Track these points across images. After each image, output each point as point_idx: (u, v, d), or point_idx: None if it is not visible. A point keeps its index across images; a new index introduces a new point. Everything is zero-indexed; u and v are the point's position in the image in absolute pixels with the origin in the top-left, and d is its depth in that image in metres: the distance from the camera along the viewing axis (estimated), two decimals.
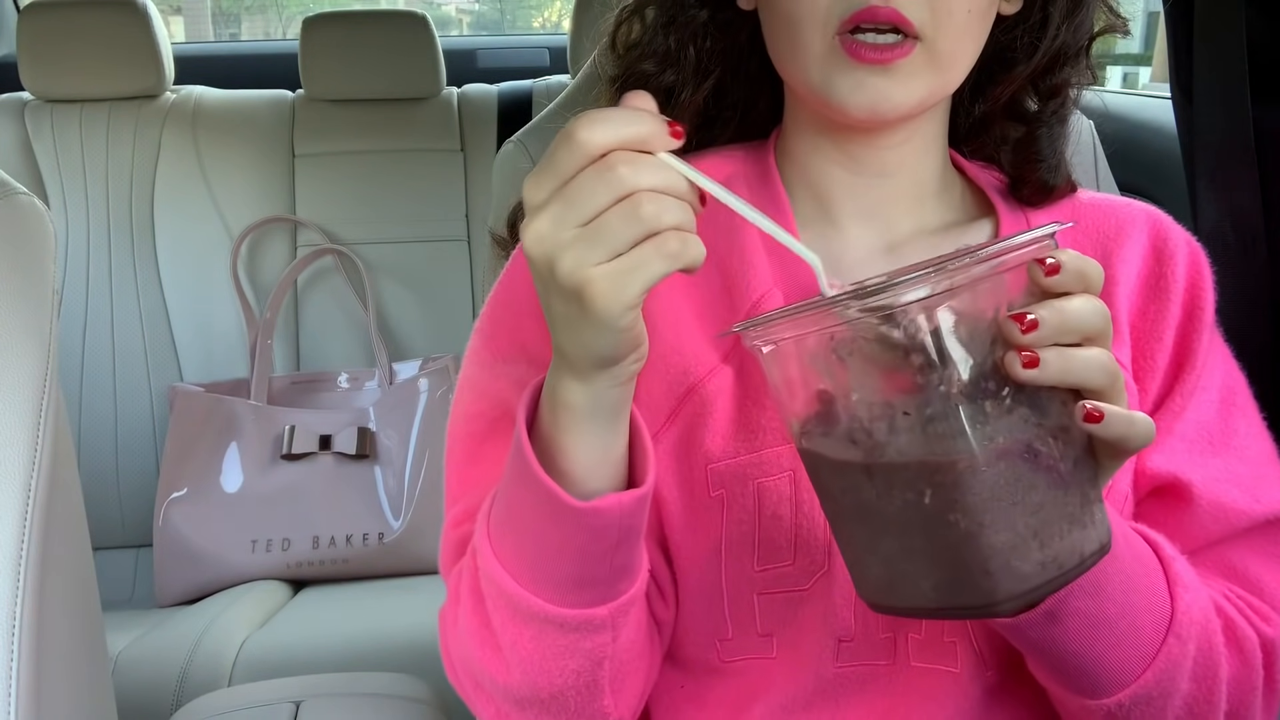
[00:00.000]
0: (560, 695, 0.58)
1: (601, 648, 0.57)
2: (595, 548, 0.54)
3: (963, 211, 0.71)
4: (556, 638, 0.56)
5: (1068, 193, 0.72)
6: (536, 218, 0.46)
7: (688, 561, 0.63)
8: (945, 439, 0.44)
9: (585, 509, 0.52)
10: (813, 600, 0.62)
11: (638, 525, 0.55)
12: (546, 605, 0.55)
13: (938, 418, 0.44)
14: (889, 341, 0.44)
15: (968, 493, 0.44)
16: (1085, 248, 0.69)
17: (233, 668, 1.39)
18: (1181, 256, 0.69)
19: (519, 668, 0.57)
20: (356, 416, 1.77)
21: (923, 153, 0.67)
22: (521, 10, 4.24)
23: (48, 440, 0.67)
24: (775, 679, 0.64)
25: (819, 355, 0.47)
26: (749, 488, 0.61)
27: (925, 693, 0.63)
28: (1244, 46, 0.96)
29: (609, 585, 0.56)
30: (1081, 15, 0.67)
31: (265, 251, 1.90)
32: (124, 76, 1.91)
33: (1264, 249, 0.98)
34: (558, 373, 0.52)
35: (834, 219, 0.68)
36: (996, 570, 0.45)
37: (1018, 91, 0.70)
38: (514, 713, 0.60)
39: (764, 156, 0.70)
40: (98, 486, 1.82)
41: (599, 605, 0.56)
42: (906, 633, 0.63)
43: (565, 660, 0.56)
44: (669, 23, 0.69)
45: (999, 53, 0.68)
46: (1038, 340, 0.45)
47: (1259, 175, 0.98)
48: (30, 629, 0.64)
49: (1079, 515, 0.47)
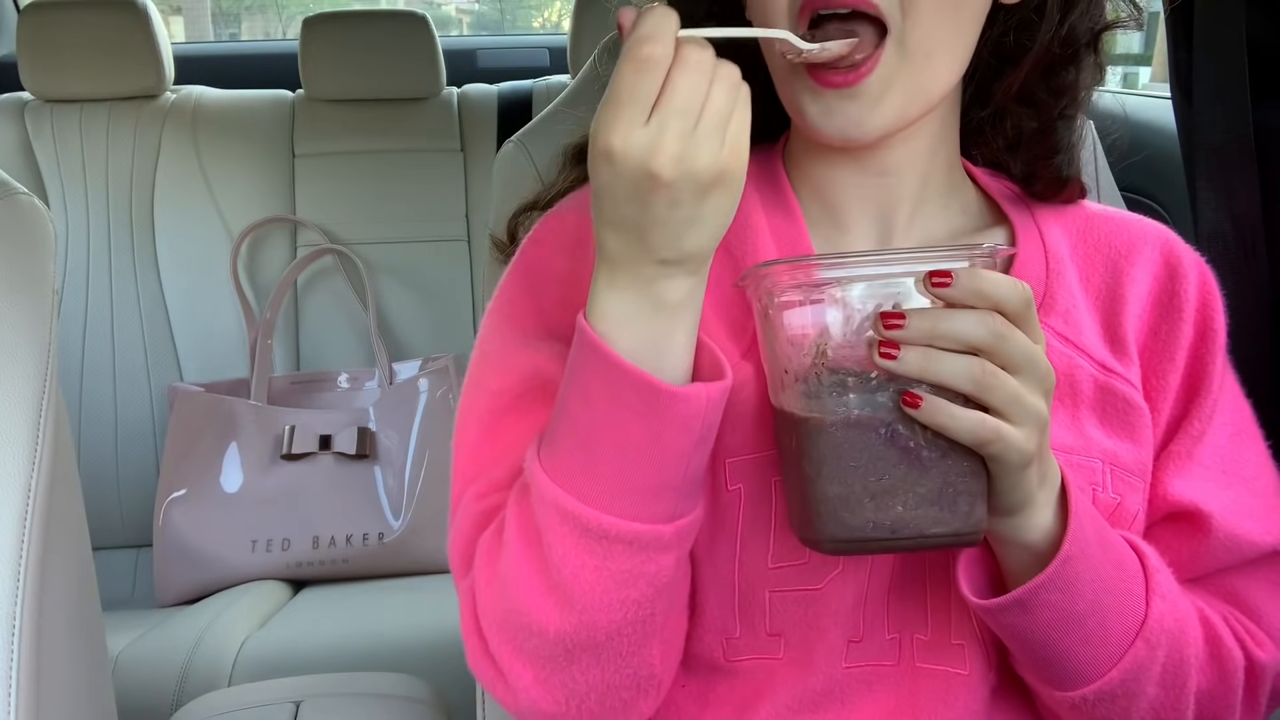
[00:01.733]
0: (616, 636, 0.57)
1: (662, 572, 0.56)
2: (680, 444, 0.54)
3: (974, 218, 0.71)
4: (623, 560, 0.55)
5: (1077, 196, 0.72)
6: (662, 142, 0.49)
7: (703, 555, 0.63)
8: (806, 397, 0.54)
9: (679, 393, 0.53)
10: (824, 600, 0.62)
11: (716, 423, 0.56)
12: (618, 521, 0.55)
13: (804, 379, 0.54)
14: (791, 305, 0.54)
15: (813, 446, 0.53)
16: (1095, 262, 0.69)
17: (233, 668, 1.39)
18: (1193, 276, 0.69)
19: (578, 604, 0.56)
20: (356, 416, 1.77)
21: (928, 151, 0.67)
22: (521, 10, 4.24)
23: (48, 440, 0.67)
24: (781, 679, 0.64)
25: (759, 311, 0.57)
26: (768, 483, 0.62)
27: (933, 694, 0.63)
28: (1244, 46, 0.96)
29: (680, 497, 0.56)
30: (1085, 4, 0.66)
31: (265, 251, 1.90)
32: (124, 76, 1.91)
33: (1264, 250, 0.98)
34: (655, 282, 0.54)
35: (840, 222, 0.68)
36: (825, 514, 0.53)
37: (1028, 85, 0.69)
38: (561, 667, 0.58)
39: (773, 162, 0.70)
40: (98, 486, 1.82)
41: (668, 522, 0.56)
42: (912, 634, 0.63)
43: (627, 589, 0.56)
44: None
45: (1001, 46, 0.68)
46: (901, 338, 0.51)
47: (1259, 175, 0.98)
48: (30, 629, 0.64)
49: (934, 498, 0.53)
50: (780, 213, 0.67)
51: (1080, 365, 0.66)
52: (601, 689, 0.58)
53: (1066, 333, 0.66)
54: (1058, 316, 0.66)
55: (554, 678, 0.58)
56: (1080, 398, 0.65)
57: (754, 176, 0.69)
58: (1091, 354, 0.66)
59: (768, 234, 0.67)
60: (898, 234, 0.68)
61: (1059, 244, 0.69)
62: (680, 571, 0.59)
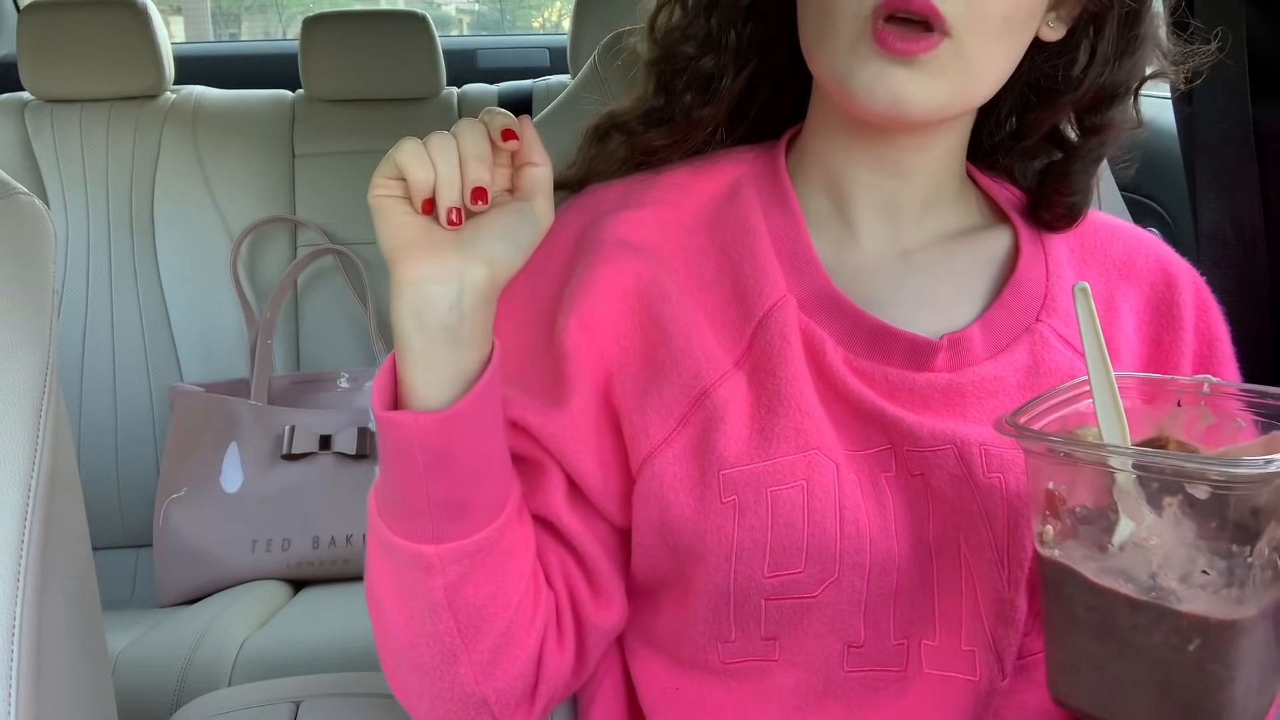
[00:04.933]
0: (416, 646, 0.59)
1: (433, 592, 0.57)
2: (404, 468, 0.55)
3: (979, 218, 0.71)
4: (399, 571, 0.58)
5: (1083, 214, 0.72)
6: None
7: (697, 564, 0.63)
8: (1234, 602, 0.47)
9: (383, 417, 0.55)
10: (821, 607, 0.62)
11: (452, 452, 0.56)
12: (393, 536, 0.57)
13: (1236, 583, 0.47)
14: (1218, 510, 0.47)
15: (1234, 649, 0.47)
16: (1091, 267, 0.70)
17: (233, 668, 1.39)
18: (1188, 288, 0.69)
19: (383, 611, 0.60)
20: (356, 416, 1.77)
21: (942, 161, 0.67)
22: (521, 10, 4.24)
23: (48, 440, 0.67)
24: (776, 682, 0.64)
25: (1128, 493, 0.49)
26: (763, 495, 0.61)
27: (940, 699, 0.62)
28: (1244, 46, 0.96)
29: (432, 520, 0.57)
30: (1136, 55, 0.67)
31: (265, 251, 1.90)
32: (124, 76, 1.91)
33: (1264, 249, 0.98)
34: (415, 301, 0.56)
35: (848, 219, 0.68)
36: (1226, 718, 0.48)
37: (1058, 121, 0.70)
38: (397, 675, 0.62)
39: (774, 158, 0.70)
40: (98, 486, 1.82)
41: (427, 543, 0.57)
42: (920, 639, 0.63)
43: (411, 602, 0.58)
44: (711, 5, 0.69)
45: (1042, 81, 0.68)
46: None
47: (1259, 175, 0.98)
48: (30, 629, 0.64)
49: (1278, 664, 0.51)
50: (780, 212, 0.67)
51: (1080, 370, 0.65)
52: (430, 700, 0.61)
53: (1067, 335, 0.66)
54: (1059, 319, 0.66)
55: (401, 683, 0.63)
56: None
57: (754, 175, 0.69)
58: None
59: (765, 236, 0.66)
60: (905, 236, 0.68)
61: (1059, 248, 0.70)
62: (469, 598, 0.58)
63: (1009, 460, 0.62)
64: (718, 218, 0.68)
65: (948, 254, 0.68)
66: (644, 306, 0.64)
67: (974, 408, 0.63)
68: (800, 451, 0.61)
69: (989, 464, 0.62)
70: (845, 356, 0.63)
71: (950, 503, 0.62)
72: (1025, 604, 0.62)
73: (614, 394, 0.64)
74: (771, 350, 0.63)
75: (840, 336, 0.64)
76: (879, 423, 0.63)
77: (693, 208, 0.68)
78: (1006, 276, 0.68)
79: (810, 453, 0.61)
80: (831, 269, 0.66)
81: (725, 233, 0.67)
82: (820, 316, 0.64)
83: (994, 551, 0.61)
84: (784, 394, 0.62)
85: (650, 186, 0.69)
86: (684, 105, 0.70)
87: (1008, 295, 0.67)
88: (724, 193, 0.69)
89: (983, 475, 0.61)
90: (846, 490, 0.61)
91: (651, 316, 0.64)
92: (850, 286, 0.65)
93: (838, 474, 0.61)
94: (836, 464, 0.61)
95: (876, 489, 0.62)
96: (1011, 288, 0.67)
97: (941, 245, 0.68)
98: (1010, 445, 0.61)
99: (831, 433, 0.62)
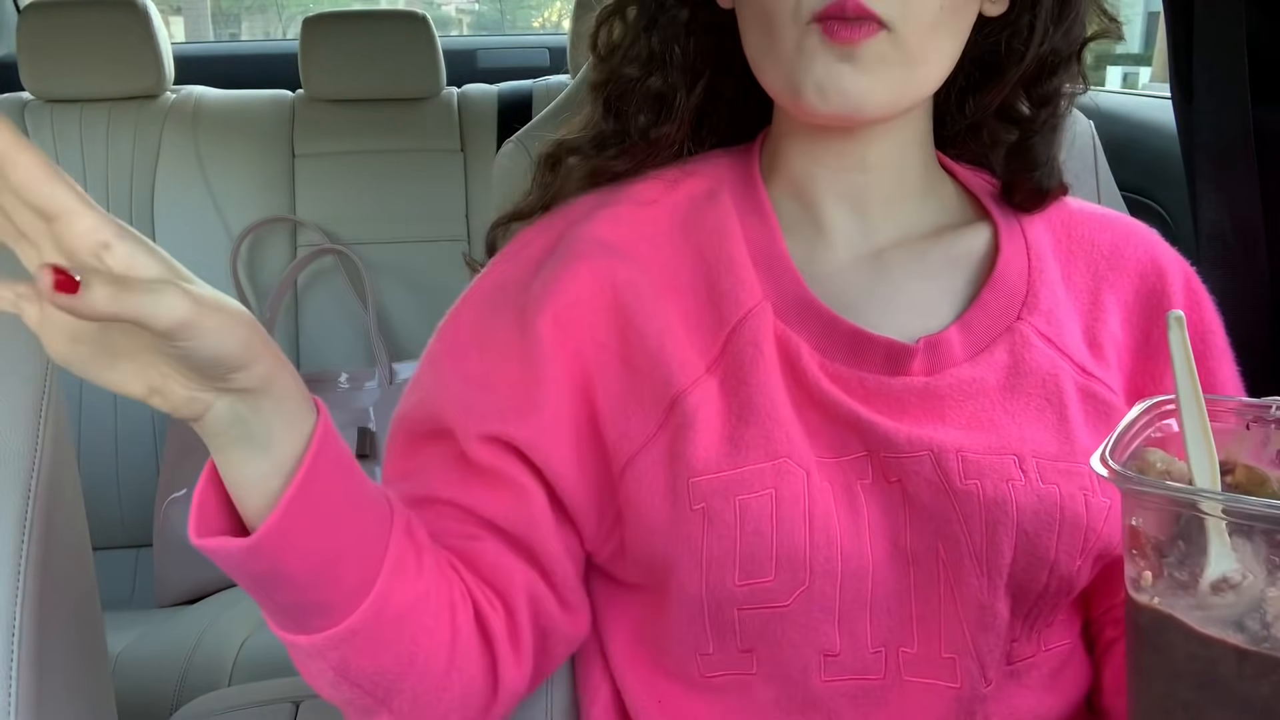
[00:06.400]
0: (341, 705, 0.59)
1: (325, 672, 0.56)
2: (239, 577, 0.52)
3: (954, 214, 0.70)
4: (289, 648, 0.56)
5: (1059, 195, 0.71)
6: None
7: (670, 572, 0.62)
8: None
9: (198, 544, 0.50)
10: (793, 616, 0.61)
11: (276, 573, 0.51)
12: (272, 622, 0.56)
13: None
14: None
15: None
16: (1077, 259, 0.69)
17: (233, 668, 1.39)
18: (1178, 279, 0.68)
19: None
20: (356, 416, 1.77)
21: (904, 151, 0.67)
22: (521, 10, 4.24)
23: (48, 440, 0.67)
24: (757, 695, 0.63)
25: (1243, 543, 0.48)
26: (731, 503, 0.60)
27: (923, 707, 0.62)
28: (1244, 46, 0.96)
29: (294, 619, 0.54)
30: (1071, 20, 0.66)
31: (265, 251, 1.90)
32: (124, 76, 1.91)
33: (1264, 249, 0.98)
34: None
35: (818, 221, 0.67)
36: None
37: (1009, 97, 0.69)
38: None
39: (749, 161, 0.69)
40: (98, 486, 1.82)
41: (299, 634, 0.55)
42: (898, 647, 0.62)
43: (307, 663, 0.57)
44: (650, 24, 0.68)
45: (987, 56, 0.68)
46: None
47: (1259, 175, 0.97)
48: (30, 629, 0.64)
49: None
50: (755, 217, 0.67)
51: (1063, 368, 0.64)
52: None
53: (1049, 333, 0.65)
54: (1040, 316, 0.65)
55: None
56: (1065, 403, 0.64)
57: (729, 180, 0.69)
58: (1072, 356, 0.65)
59: (741, 241, 0.66)
60: (876, 233, 0.67)
61: (1041, 241, 0.68)
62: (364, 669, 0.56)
63: (986, 466, 0.61)
64: (694, 221, 0.67)
65: (921, 253, 0.67)
66: (620, 305, 0.64)
67: (952, 411, 0.62)
68: (769, 459, 0.60)
69: (966, 470, 0.61)
70: (821, 362, 0.63)
71: (927, 509, 0.61)
72: (1007, 610, 0.62)
73: (596, 395, 0.63)
74: (744, 357, 0.62)
75: (816, 342, 0.63)
76: (855, 429, 0.62)
77: (669, 210, 0.68)
78: (986, 274, 0.67)
79: (779, 460, 0.60)
80: (806, 273, 0.65)
81: (702, 236, 0.66)
82: (795, 322, 0.63)
83: (972, 559, 0.61)
84: (755, 402, 0.61)
85: (628, 187, 0.69)
86: (639, 126, 0.69)
87: (987, 295, 0.66)
88: (701, 196, 0.68)
89: (960, 482, 0.61)
90: (816, 498, 0.60)
91: (627, 317, 0.63)
92: (825, 290, 0.64)
93: (808, 481, 0.60)
94: (807, 471, 0.60)
95: (850, 496, 0.61)
96: (991, 286, 0.66)
97: (915, 244, 0.67)
98: (988, 451, 0.61)
99: (803, 440, 0.61)
